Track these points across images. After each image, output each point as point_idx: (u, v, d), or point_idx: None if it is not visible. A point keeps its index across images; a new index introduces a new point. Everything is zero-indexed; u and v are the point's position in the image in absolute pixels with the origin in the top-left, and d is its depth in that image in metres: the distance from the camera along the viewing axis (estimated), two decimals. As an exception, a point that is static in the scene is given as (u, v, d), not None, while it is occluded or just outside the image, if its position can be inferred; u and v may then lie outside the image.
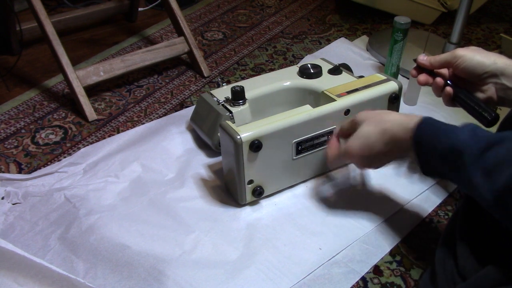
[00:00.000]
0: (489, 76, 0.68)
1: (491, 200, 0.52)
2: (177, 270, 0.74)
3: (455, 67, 0.71)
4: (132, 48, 1.44)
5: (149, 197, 0.89)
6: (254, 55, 1.40)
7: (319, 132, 0.85)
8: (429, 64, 0.75)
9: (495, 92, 0.69)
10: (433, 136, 0.60)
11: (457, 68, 0.71)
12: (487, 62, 0.68)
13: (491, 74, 0.68)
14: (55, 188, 0.90)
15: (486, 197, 0.52)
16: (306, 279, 0.74)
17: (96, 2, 1.62)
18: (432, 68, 0.76)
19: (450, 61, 0.72)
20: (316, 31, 1.55)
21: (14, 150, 1.03)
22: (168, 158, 0.98)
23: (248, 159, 0.79)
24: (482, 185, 0.52)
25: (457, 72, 0.72)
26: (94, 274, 0.74)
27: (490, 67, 0.67)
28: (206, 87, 1.26)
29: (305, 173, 0.91)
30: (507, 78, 0.67)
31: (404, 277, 0.75)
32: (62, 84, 1.25)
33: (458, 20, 1.21)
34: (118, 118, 1.13)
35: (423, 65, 0.76)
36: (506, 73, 0.67)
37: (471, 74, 0.70)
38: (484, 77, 0.69)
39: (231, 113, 0.92)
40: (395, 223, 0.83)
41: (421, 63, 0.76)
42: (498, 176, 0.50)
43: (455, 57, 0.71)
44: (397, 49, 1.16)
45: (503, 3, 1.77)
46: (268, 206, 0.87)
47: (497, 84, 0.68)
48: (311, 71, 0.99)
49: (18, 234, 0.81)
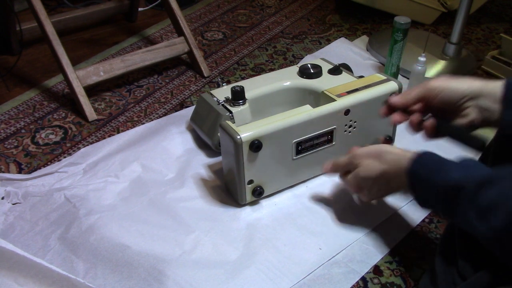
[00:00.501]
0: (467, 100, 0.68)
1: (490, 239, 0.52)
2: (177, 270, 0.74)
3: (432, 99, 0.71)
4: (132, 48, 1.44)
5: (149, 197, 0.89)
6: (254, 55, 1.40)
7: (319, 132, 0.85)
8: (404, 101, 0.73)
9: (477, 114, 0.68)
10: (426, 175, 0.61)
11: (434, 100, 0.70)
12: (463, 87, 0.68)
13: (469, 97, 0.67)
14: (55, 188, 0.90)
15: (483, 237, 0.52)
16: (306, 279, 0.74)
17: (96, 2, 1.62)
18: (406, 106, 0.74)
19: (425, 94, 0.71)
20: (316, 31, 1.55)
21: (14, 150, 1.03)
22: (168, 158, 0.98)
23: (248, 159, 0.79)
24: (479, 226, 0.52)
25: (434, 103, 0.71)
26: (94, 274, 0.74)
27: (467, 90, 0.67)
28: (206, 87, 1.26)
29: (305, 173, 0.91)
30: (485, 98, 0.66)
31: (404, 277, 0.75)
32: (62, 84, 1.25)
33: (458, 20, 1.21)
34: (118, 118, 1.13)
35: (398, 104, 0.74)
36: (484, 93, 0.66)
37: (449, 102, 0.69)
38: (463, 102, 0.68)
39: (231, 113, 0.92)
40: (395, 223, 0.83)
41: (395, 104, 0.74)
42: (493, 218, 0.50)
43: (429, 90, 0.70)
44: (397, 49, 1.16)
45: (503, 3, 1.77)
46: (268, 206, 0.87)
47: (477, 106, 0.67)
48: (311, 71, 0.98)
49: (18, 234, 0.81)
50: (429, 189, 0.60)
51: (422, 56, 1.10)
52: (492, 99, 0.65)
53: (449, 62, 1.27)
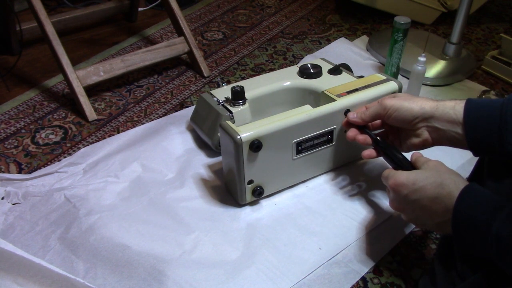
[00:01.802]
0: (420, 121, 0.70)
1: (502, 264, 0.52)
2: (177, 270, 0.74)
3: (386, 118, 0.74)
4: (132, 48, 1.44)
5: (149, 197, 0.88)
6: (254, 55, 1.40)
7: (319, 132, 0.85)
8: (360, 121, 0.79)
9: (430, 134, 0.70)
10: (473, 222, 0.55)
11: (389, 118, 0.73)
12: (415, 108, 0.69)
13: (421, 119, 0.69)
14: (55, 188, 0.90)
15: None
16: (306, 279, 0.74)
17: (96, 2, 1.62)
18: (364, 124, 0.79)
19: (380, 113, 0.75)
20: (316, 31, 1.55)
21: (14, 150, 1.03)
22: (168, 158, 0.98)
23: (248, 159, 0.79)
24: None
25: (389, 121, 0.74)
26: (94, 274, 0.74)
27: (419, 112, 0.69)
28: (206, 87, 1.26)
29: (305, 173, 0.91)
30: (437, 121, 0.68)
31: (404, 277, 0.75)
32: (62, 84, 1.25)
33: (458, 20, 1.21)
34: (118, 118, 1.13)
35: (355, 122, 0.79)
36: (436, 116, 0.68)
37: (403, 122, 0.72)
38: (415, 122, 0.70)
39: (231, 113, 0.92)
40: (395, 223, 0.83)
41: (353, 121, 0.80)
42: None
43: (384, 109, 0.73)
44: (397, 49, 1.16)
45: (503, 3, 1.77)
46: (268, 206, 0.87)
47: (429, 127, 0.70)
48: (311, 71, 0.98)
49: (18, 234, 0.81)
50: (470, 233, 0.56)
51: (422, 56, 1.10)
52: (445, 120, 0.67)
53: (449, 62, 1.27)
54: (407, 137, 0.74)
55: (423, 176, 0.63)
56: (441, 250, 0.68)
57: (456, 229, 0.58)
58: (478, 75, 1.32)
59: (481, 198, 0.56)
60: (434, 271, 0.67)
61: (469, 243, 0.56)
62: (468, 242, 0.56)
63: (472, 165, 0.71)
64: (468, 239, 0.56)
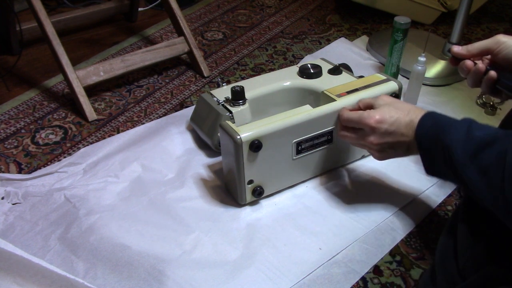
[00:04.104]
0: None
1: (491, 199, 0.52)
2: (177, 270, 0.74)
3: (496, 54, 0.67)
4: (132, 48, 1.44)
5: (149, 197, 0.88)
6: (254, 55, 1.40)
7: (319, 132, 0.85)
8: (466, 53, 0.71)
9: None
10: (432, 133, 0.62)
11: (498, 55, 0.67)
12: None
13: None
14: (55, 188, 0.90)
15: (485, 196, 0.53)
16: (306, 279, 0.74)
17: (96, 2, 1.62)
18: (469, 57, 0.72)
19: (491, 47, 0.68)
20: (316, 31, 1.55)
21: (14, 150, 1.03)
22: (168, 158, 0.98)
23: (248, 159, 0.79)
24: (480, 184, 0.53)
25: (497, 59, 0.68)
26: (94, 274, 0.74)
27: None
28: (206, 87, 1.26)
29: (305, 173, 0.91)
30: None
31: (404, 277, 0.75)
32: (62, 84, 1.25)
33: (458, 20, 1.21)
34: (118, 118, 1.13)
35: (460, 54, 0.72)
36: None
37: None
38: None
39: (231, 113, 0.92)
40: (395, 223, 0.83)
41: (457, 53, 0.72)
42: (493, 176, 0.51)
43: (497, 43, 0.67)
44: (397, 49, 1.16)
45: (503, 3, 1.77)
46: (268, 206, 0.87)
47: None
48: (311, 71, 0.98)
49: (18, 234, 0.81)
50: (435, 148, 0.61)
51: (422, 56, 1.10)
52: None
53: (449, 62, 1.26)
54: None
55: (393, 110, 0.71)
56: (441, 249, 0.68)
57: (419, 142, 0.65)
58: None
59: (440, 116, 0.65)
60: (434, 271, 0.67)
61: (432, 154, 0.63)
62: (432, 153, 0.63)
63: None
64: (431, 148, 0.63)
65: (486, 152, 0.53)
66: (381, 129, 0.71)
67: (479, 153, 0.54)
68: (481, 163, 0.53)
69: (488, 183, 0.52)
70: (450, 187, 0.91)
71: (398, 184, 0.91)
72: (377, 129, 0.71)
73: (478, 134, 0.56)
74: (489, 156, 0.53)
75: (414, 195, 0.89)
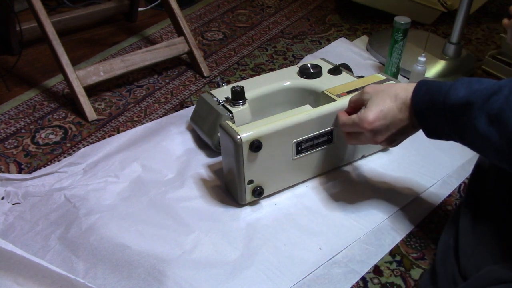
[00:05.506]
0: None
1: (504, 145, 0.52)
2: (177, 270, 0.74)
3: None
4: (132, 48, 1.44)
5: (149, 197, 0.88)
6: (254, 55, 1.40)
7: (319, 132, 0.85)
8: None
9: None
10: (430, 103, 0.62)
11: None
12: None
13: None
14: (55, 188, 0.90)
15: (497, 146, 0.53)
16: (306, 279, 0.74)
17: (96, 2, 1.62)
18: None
19: None
20: (316, 31, 1.55)
21: (14, 150, 1.03)
22: (168, 158, 0.98)
23: (248, 159, 0.79)
24: (492, 133, 0.53)
25: None
26: (94, 274, 0.74)
27: None
28: (206, 87, 1.26)
29: (305, 173, 0.91)
30: None
31: (404, 277, 0.75)
32: (62, 84, 1.25)
33: (458, 20, 1.21)
34: (118, 118, 1.13)
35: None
36: None
37: None
38: None
39: (231, 113, 0.92)
40: (395, 223, 0.83)
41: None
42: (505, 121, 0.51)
43: None
44: (397, 49, 1.16)
45: (503, 3, 1.77)
46: (268, 206, 0.87)
47: None
48: (311, 71, 0.98)
49: (18, 234, 0.81)
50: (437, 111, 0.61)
51: (422, 56, 1.10)
52: None
53: (449, 62, 1.27)
54: None
55: (381, 101, 0.70)
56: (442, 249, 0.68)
57: (418, 113, 0.65)
58: (478, 75, 1.32)
59: (431, 83, 0.64)
60: (434, 271, 0.67)
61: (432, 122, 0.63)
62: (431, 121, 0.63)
63: (472, 164, 0.71)
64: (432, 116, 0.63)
65: (493, 99, 0.53)
66: (378, 127, 0.71)
67: (487, 102, 0.54)
68: (491, 112, 0.53)
69: (499, 131, 0.52)
70: (450, 187, 0.91)
71: (398, 184, 0.91)
72: (374, 129, 0.71)
73: (481, 86, 0.56)
74: (498, 102, 0.53)
75: (414, 195, 0.89)
